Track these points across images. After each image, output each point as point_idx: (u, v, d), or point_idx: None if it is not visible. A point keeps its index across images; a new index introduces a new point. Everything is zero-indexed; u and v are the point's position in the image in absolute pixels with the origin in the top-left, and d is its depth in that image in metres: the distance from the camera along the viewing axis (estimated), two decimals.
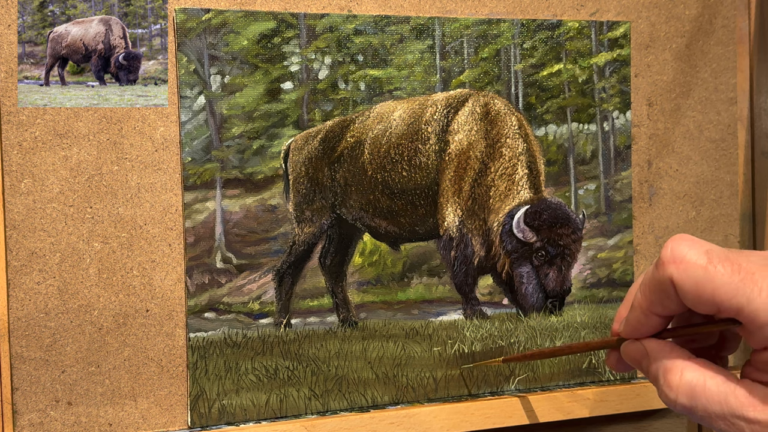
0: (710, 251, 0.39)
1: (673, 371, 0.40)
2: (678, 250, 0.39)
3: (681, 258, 0.39)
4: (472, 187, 0.65)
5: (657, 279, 0.40)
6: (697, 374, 0.40)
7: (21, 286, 0.55)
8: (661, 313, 0.42)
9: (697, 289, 0.38)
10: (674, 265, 0.39)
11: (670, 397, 0.40)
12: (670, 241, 0.40)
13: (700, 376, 0.40)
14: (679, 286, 0.39)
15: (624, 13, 0.69)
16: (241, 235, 0.60)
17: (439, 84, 0.64)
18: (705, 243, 0.39)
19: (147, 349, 0.57)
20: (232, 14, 0.59)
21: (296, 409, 0.60)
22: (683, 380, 0.40)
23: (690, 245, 0.39)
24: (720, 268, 0.38)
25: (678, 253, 0.39)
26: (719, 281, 0.38)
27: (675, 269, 0.39)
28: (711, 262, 0.38)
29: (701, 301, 0.38)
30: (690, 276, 0.38)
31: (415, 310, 0.64)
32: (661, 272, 0.40)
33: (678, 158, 0.71)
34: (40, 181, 0.55)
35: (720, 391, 0.39)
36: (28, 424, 0.55)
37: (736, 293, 0.37)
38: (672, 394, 0.40)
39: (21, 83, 0.55)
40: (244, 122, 0.60)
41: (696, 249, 0.39)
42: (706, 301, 0.38)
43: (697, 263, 0.38)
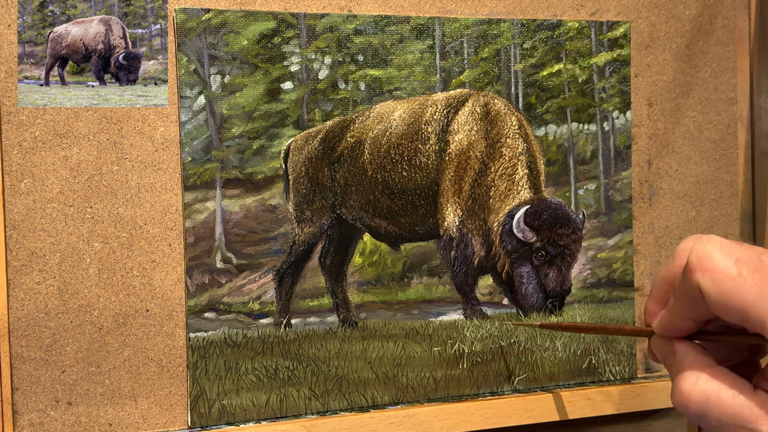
0: (740, 260, 0.37)
1: (688, 378, 0.40)
2: (706, 256, 0.37)
3: (709, 266, 0.37)
4: (472, 187, 0.65)
5: (685, 285, 0.39)
6: (712, 384, 0.39)
7: (21, 286, 0.55)
8: (694, 318, 0.40)
9: (725, 300, 0.37)
10: (701, 273, 0.37)
11: (682, 401, 0.40)
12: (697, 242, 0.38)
13: (715, 387, 0.39)
14: (706, 295, 0.38)
15: (624, 13, 0.69)
16: (241, 235, 0.60)
17: (439, 84, 0.64)
18: (735, 247, 0.38)
19: (147, 349, 0.57)
20: (232, 14, 0.59)
21: (296, 409, 0.60)
22: (696, 389, 0.39)
23: (719, 251, 0.38)
24: (749, 280, 0.37)
25: (706, 260, 0.37)
26: (748, 294, 0.37)
27: (702, 278, 0.37)
28: (740, 273, 0.37)
29: (729, 312, 0.37)
30: (718, 287, 0.37)
31: (415, 310, 0.64)
32: (688, 279, 0.38)
33: (678, 158, 0.71)
34: (40, 181, 0.55)
35: (734, 403, 0.39)
36: (28, 424, 0.55)
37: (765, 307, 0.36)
38: (684, 400, 0.40)
39: (21, 83, 0.55)
40: (244, 122, 0.60)
41: (725, 256, 0.37)
42: (734, 312, 0.37)
43: (727, 273, 0.37)
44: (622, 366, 0.69)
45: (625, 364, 0.69)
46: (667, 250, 0.71)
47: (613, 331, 0.49)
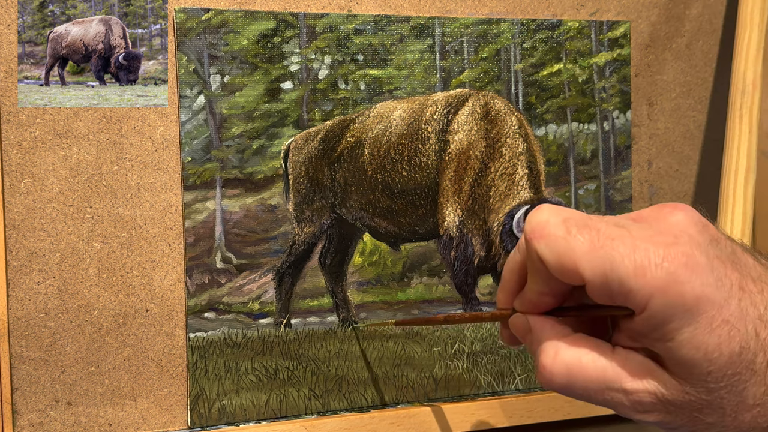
0: (568, 219, 0.37)
1: (546, 351, 0.39)
2: (537, 223, 0.37)
3: (540, 231, 0.37)
4: (472, 187, 0.65)
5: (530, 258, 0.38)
6: (571, 352, 0.38)
7: (21, 286, 0.55)
8: (548, 292, 0.40)
9: (561, 260, 0.36)
10: (536, 240, 0.37)
11: (546, 377, 0.39)
12: (531, 213, 0.38)
13: (575, 354, 0.38)
14: (545, 260, 0.37)
15: (624, 13, 0.69)
16: (241, 235, 0.60)
17: (439, 84, 0.64)
18: (563, 210, 0.38)
19: (147, 349, 0.57)
20: (231, 14, 0.59)
21: (296, 409, 0.60)
22: (557, 360, 0.38)
23: (548, 215, 0.37)
24: (579, 237, 0.36)
25: (537, 226, 0.37)
26: (579, 250, 0.36)
27: (538, 244, 0.37)
28: (569, 231, 0.36)
29: (566, 272, 0.37)
30: (552, 248, 0.37)
31: (415, 310, 0.64)
32: (530, 250, 0.38)
33: (678, 158, 0.71)
34: (39, 181, 0.55)
35: (596, 366, 0.38)
36: (27, 424, 0.55)
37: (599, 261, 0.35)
38: (547, 374, 0.38)
39: (21, 83, 0.55)
40: (244, 122, 0.60)
41: (555, 218, 0.37)
42: (571, 272, 0.36)
43: (557, 234, 0.37)
44: None
45: None
46: None
47: (471, 319, 0.47)
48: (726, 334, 0.35)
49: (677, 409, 0.37)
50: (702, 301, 0.35)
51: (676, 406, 0.37)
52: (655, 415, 0.38)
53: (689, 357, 0.35)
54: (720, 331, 0.35)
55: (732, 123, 0.66)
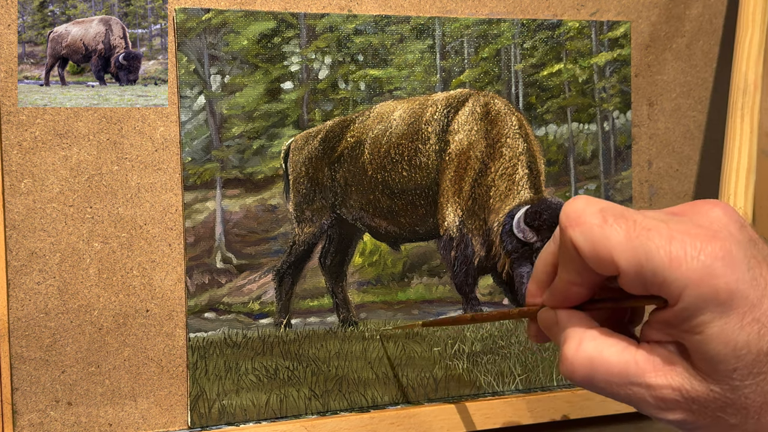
0: (605, 209, 0.37)
1: (569, 342, 0.39)
2: (573, 212, 0.37)
3: (576, 219, 0.37)
4: (473, 187, 0.65)
5: (564, 247, 0.38)
6: (595, 344, 0.38)
7: (21, 286, 0.55)
8: (580, 283, 0.39)
9: (596, 248, 0.36)
10: (572, 229, 0.37)
11: (567, 368, 0.38)
12: (566, 203, 0.38)
13: (598, 346, 0.38)
14: (580, 249, 0.37)
15: (624, 13, 0.69)
16: (241, 235, 0.60)
17: (439, 84, 0.64)
18: (598, 201, 0.38)
19: (147, 349, 0.57)
20: (232, 14, 0.59)
21: (296, 410, 0.60)
22: (580, 351, 0.38)
23: (585, 204, 0.37)
24: (615, 226, 0.36)
25: (573, 214, 0.37)
26: (615, 239, 0.36)
27: (573, 232, 0.37)
28: (606, 220, 0.37)
29: (601, 262, 0.37)
30: (588, 237, 0.37)
31: (415, 310, 0.64)
32: (564, 239, 0.38)
33: (678, 158, 0.71)
34: (40, 181, 0.55)
35: (619, 359, 0.37)
36: (28, 424, 0.55)
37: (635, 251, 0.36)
38: (569, 365, 0.38)
39: (21, 83, 0.55)
40: (244, 122, 0.60)
41: (591, 208, 0.37)
42: (606, 261, 0.36)
43: (593, 222, 0.37)
44: None
45: None
46: None
47: (499, 317, 0.47)
48: (756, 332, 0.35)
49: (701, 408, 0.37)
50: (735, 297, 0.35)
51: (700, 404, 0.37)
52: (678, 413, 0.37)
53: (717, 351, 0.35)
54: (750, 329, 0.35)
55: (733, 123, 0.66)
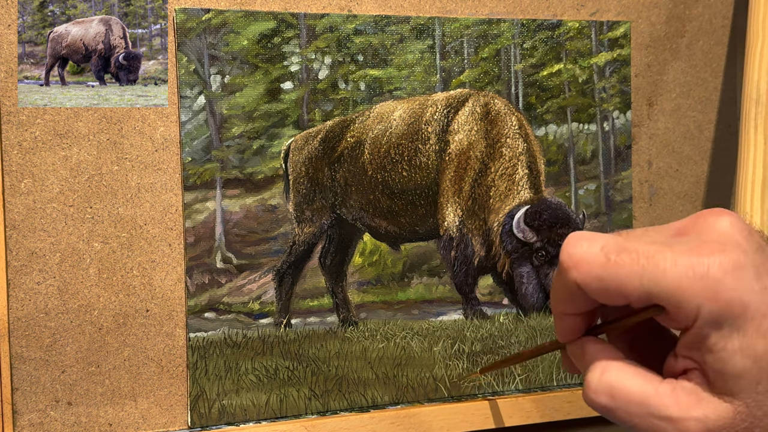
0: (605, 246, 0.38)
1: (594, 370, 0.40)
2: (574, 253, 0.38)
3: (579, 260, 0.38)
4: (473, 187, 0.65)
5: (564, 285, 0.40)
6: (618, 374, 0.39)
7: (21, 286, 0.55)
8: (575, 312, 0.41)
9: (604, 286, 0.37)
10: (575, 271, 0.38)
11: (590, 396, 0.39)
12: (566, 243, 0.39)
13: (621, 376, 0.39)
14: (586, 288, 0.38)
15: (624, 13, 0.69)
16: (241, 235, 0.60)
17: (439, 84, 0.64)
18: (597, 237, 0.39)
19: (147, 349, 0.57)
20: (232, 14, 0.59)
21: (296, 409, 0.60)
22: (603, 379, 0.39)
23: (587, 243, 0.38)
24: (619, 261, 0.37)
25: (575, 256, 0.38)
26: (621, 274, 0.37)
27: (577, 274, 0.38)
28: (609, 258, 0.37)
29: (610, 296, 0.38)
30: (593, 277, 0.38)
31: (415, 310, 0.64)
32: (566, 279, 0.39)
33: (678, 158, 0.71)
34: (40, 181, 0.55)
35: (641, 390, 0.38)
36: (28, 424, 0.55)
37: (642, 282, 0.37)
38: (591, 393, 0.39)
39: (21, 83, 0.55)
40: (244, 122, 0.60)
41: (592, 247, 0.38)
42: (615, 294, 0.37)
43: (597, 262, 0.38)
44: None
45: None
46: None
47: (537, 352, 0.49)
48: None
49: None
50: (749, 308, 0.36)
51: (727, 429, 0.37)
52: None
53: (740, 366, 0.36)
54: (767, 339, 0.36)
55: (746, 134, 0.65)
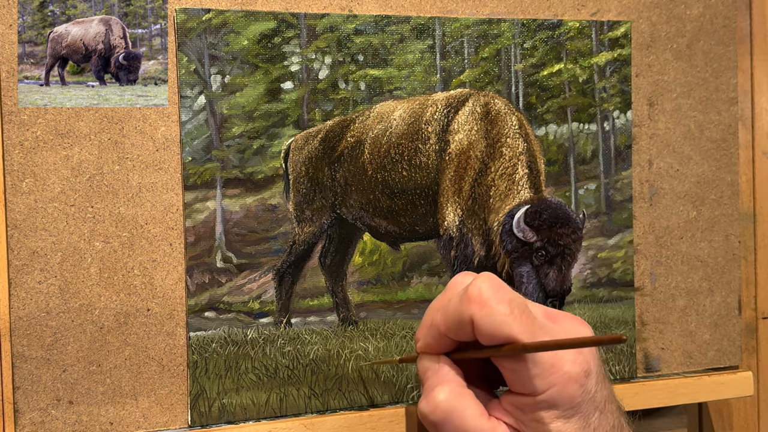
0: (512, 301, 0.43)
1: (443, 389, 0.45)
2: (484, 292, 0.43)
3: (486, 301, 0.43)
4: (473, 187, 0.65)
5: (459, 312, 0.44)
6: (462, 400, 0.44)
7: (22, 286, 0.55)
8: (455, 338, 0.46)
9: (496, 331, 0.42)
10: (478, 306, 0.43)
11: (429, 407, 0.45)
12: (476, 278, 0.44)
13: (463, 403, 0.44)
14: (478, 325, 0.43)
15: (625, 13, 0.69)
16: (241, 234, 0.60)
17: (440, 84, 0.64)
18: (507, 290, 0.44)
19: (148, 348, 0.58)
20: (232, 14, 0.59)
21: (296, 408, 0.61)
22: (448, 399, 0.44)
23: (497, 291, 0.43)
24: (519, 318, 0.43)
25: (484, 295, 0.43)
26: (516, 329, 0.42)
27: (478, 310, 0.43)
28: (512, 311, 0.43)
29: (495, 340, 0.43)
30: (492, 320, 0.42)
31: (415, 309, 0.64)
32: (463, 309, 0.44)
33: (679, 158, 0.71)
34: (41, 181, 0.55)
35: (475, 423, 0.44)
36: (29, 422, 0.55)
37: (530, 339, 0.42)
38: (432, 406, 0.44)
39: (21, 83, 0.55)
40: (245, 122, 0.60)
41: (501, 295, 0.43)
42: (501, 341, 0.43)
43: (500, 310, 0.43)
44: (621, 365, 0.69)
45: (625, 364, 0.69)
46: (668, 249, 0.71)
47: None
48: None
49: None
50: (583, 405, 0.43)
51: None
52: None
53: None
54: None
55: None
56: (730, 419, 0.77)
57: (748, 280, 0.76)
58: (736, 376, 0.71)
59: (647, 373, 0.70)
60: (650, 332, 0.70)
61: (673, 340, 0.71)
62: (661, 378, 0.70)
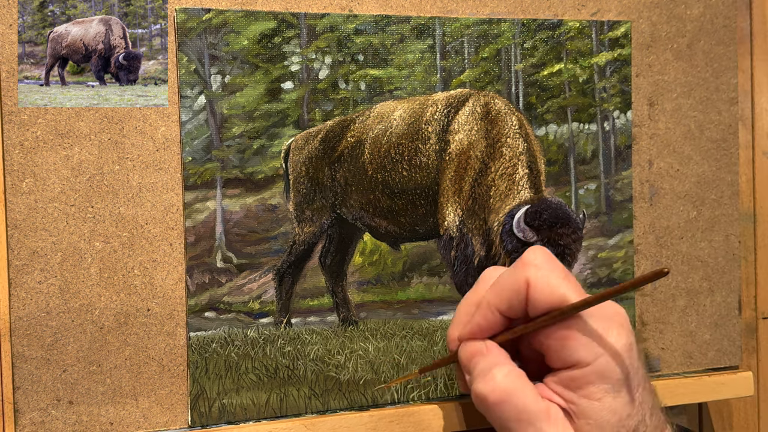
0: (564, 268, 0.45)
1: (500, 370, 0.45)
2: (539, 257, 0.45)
3: (541, 264, 0.45)
4: (473, 187, 0.65)
5: (516, 278, 0.45)
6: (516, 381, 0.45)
7: (23, 286, 0.55)
8: (506, 313, 0.47)
9: (552, 290, 0.44)
10: (534, 267, 0.45)
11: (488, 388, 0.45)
12: (532, 249, 0.46)
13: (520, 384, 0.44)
14: (533, 285, 0.44)
15: (625, 13, 0.69)
16: (241, 234, 0.60)
17: (440, 84, 0.64)
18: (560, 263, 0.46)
19: (148, 348, 0.58)
20: (232, 14, 0.59)
21: (296, 408, 0.61)
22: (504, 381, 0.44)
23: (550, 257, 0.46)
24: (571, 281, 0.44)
25: (539, 259, 0.45)
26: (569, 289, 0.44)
27: (534, 271, 0.44)
28: (567, 276, 0.45)
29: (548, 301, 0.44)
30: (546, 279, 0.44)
31: (415, 309, 0.64)
32: (518, 272, 0.45)
33: (679, 158, 0.71)
34: (41, 181, 0.55)
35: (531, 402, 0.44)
36: (29, 423, 0.55)
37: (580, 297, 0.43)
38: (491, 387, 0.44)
39: (21, 83, 0.55)
40: (245, 122, 0.60)
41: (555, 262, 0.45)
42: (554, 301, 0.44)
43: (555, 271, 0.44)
44: None
45: None
46: (668, 249, 0.71)
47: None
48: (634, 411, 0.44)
49: None
50: (630, 378, 0.44)
51: None
52: None
53: (606, 419, 0.43)
54: (630, 408, 0.43)
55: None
56: (730, 419, 0.77)
57: (748, 280, 0.76)
58: (736, 376, 0.71)
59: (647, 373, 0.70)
60: (650, 332, 0.70)
61: (674, 340, 0.71)
62: (661, 378, 0.70)
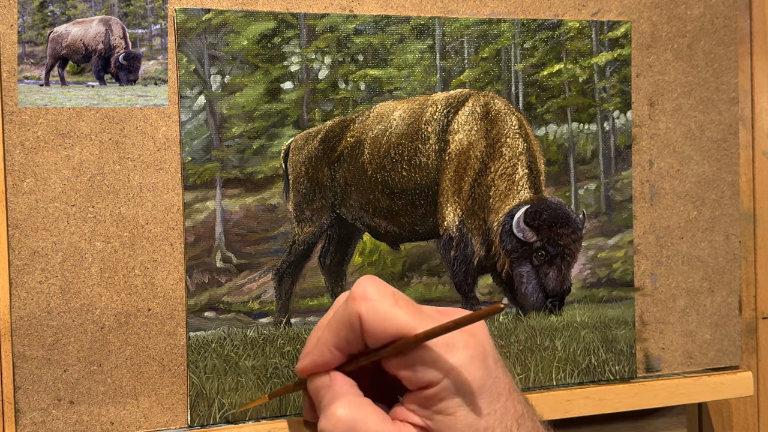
0: (395, 293, 0.44)
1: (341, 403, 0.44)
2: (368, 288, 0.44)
3: (370, 296, 0.43)
4: (472, 187, 0.65)
5: (345, 313, 0.44)
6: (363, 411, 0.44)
7: (23, 286, 0.55)
8: (342, 349, 0.45)
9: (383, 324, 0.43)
10: (364, 301, 0.43)
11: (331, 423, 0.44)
12: (361, 280, 0.45)
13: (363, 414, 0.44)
14: (365, 321, 0.43)
15: (625, 13, 0.69)
16: (241, 234, 0.60)
17: (439, 84, 0.64)
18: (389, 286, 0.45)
19: (148, 348, 0.58)
20: (232, 14, 0.59)
21: (296, 408, 0.61)
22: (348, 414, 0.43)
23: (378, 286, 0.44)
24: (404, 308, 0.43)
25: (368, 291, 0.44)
26: (403, 319, 0.43)
27: (364, 305, 0.43)
28: (397, 302, 0.43)
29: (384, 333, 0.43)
30: (377, 313, 0.43)
31: None
32: (350, 307, 0.44)
33: (679, 158, 0.71)
34: (42, 181, 0.56)
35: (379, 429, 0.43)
36: (30, 422, 0.56)
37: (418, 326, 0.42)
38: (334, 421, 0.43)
39: (21, 83, 0.55)
40: (244, 122, 0.60)
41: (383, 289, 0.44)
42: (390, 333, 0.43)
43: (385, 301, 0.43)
44: (621, 365, 0.69)
45: (625, 364, 0.69)
46: (668, 250, 0.71)
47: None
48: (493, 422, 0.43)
49: None
50: (485, 389, 0.43)
51: None
52: None
53: None
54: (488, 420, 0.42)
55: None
56: (730, 419, 0.77)
57: (749, 280, 0.76)
58: (736, 376, 0.71)
59: (647, 373, 0.70)
60: (650, 332, 0.70)
61: (674, 340, 0.71)
62: (662, 378, 0.70)
